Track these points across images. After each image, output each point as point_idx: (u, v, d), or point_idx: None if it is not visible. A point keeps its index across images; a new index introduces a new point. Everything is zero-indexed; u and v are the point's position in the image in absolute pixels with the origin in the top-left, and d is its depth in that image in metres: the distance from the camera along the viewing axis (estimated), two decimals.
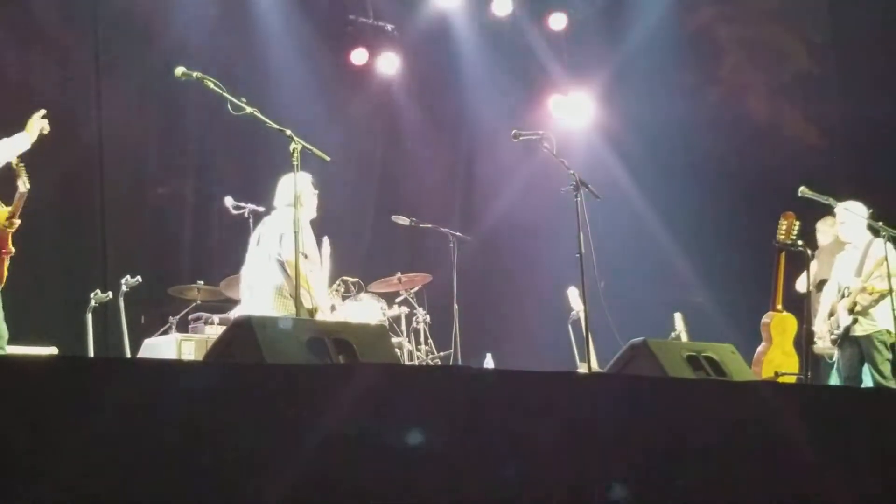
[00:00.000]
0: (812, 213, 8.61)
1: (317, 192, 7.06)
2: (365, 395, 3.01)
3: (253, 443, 2.82)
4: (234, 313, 7.75)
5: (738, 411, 3.77)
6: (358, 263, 10.24)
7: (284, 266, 6.91)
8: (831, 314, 8.15)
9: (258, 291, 7.06)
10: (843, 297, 8.07)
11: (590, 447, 3.32)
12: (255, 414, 2.85)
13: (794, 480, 3.60)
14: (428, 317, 9.28)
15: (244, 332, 4.17)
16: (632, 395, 3.61)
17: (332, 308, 8.34)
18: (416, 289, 9.37)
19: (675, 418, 3.58)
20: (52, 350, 7.36)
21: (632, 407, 3.52)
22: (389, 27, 11.72)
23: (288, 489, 2.78)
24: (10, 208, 6.51)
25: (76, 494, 2.56)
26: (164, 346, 8.00)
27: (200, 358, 7.46)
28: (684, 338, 9.11)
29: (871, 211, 8.04)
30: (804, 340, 7.08)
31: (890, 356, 7.87)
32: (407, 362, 8.64)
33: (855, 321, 7.98)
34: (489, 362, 9.60)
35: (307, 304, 6.71)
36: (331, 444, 2.88)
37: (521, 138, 7.27)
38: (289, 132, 6.18)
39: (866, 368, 8.02)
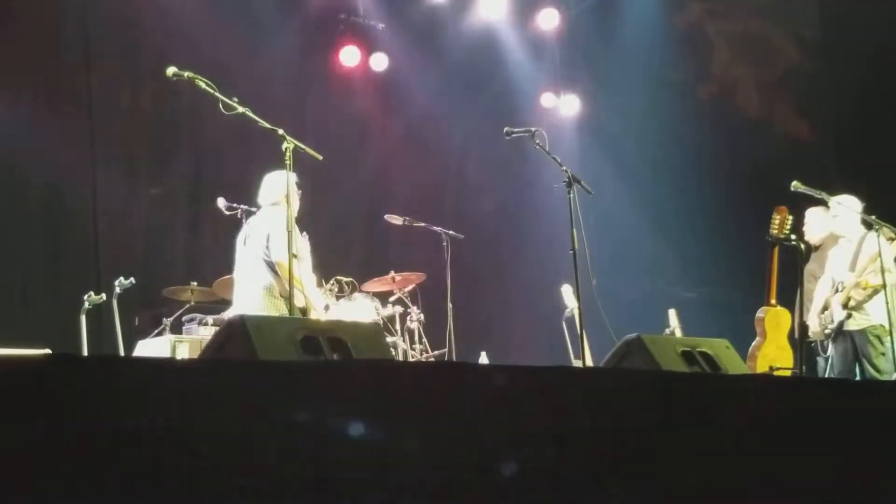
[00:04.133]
0: (805, 208, 8.63)
1: (300, 191, 7.04)
2: (361, 391, 3.01)
3: (246, 440, 2.82)
4: (228, 314, 7.73)
5: (733, 405, 3.77)
6: (351, 263, 10.24)
7: (273, 266, 6.91)
8: (825, 309, 8.16)
9: (248, 292, 7.05)
10: (836, 291, 8.08)
11: (584, 441, 3.32)
12: (248, 411, 2.84)
13: (790, 473, 3.61)
14: (422, 316, 9.27)
15: (238, 332, 4.16)
16: (627, 388, 3.61)
17: (326, 308, 8.33)
18: (409, 288, 9.36)
19: (670, 412, 3.58)
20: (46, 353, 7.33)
21: (627, 401, 3.52)
22: (380, 26, 11.73)
23: (281, 486, 2.78)
24: None
25: (67, 493, 2.56)
26: (158, 348, 7.98)
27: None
28: (679, 333, 9.10)
29: (863, 205, 8.05)
30: (798, 334, 7.08)
31: (884, 350, 7.88)
32: None
33: (849, 316, 7.99)
34: (484, 361, 9.60)
35: (299, 303, 6.67)
36: (325, 440, 2.88)
37: (512, 135, 7.25)
38: (281, 131, 6.16)
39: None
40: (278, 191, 6.95)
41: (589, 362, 7.34)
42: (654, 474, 3.43)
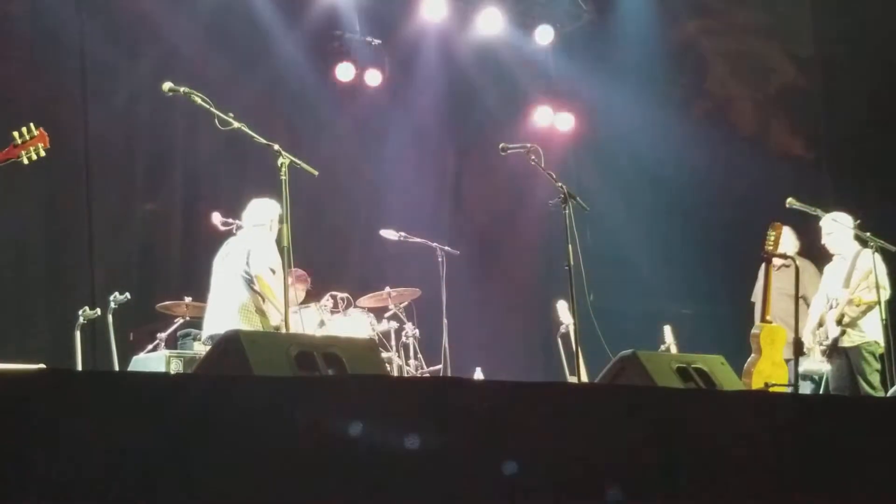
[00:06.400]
0: (799, 225, 8.64)
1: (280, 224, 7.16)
2: (355, 407, 3.00)
3: (242, 456, 2.81)
4: (205, 331, 7.74)
5: (728, 421, 3.77)
6: (346, 278, 10.23)
7: (251, 282, 7.17)
8: (820, 325, 8.17)
9: (222, 308, 7.18)
10: (830, 308, 8.09)
11: (580, 457, 3.32)
12: (244, 427, 2.84)
13: (785, 488, 3.60)
14: (417, 331, 9.25)
15: (233, 347, 4.15)
16: (622, 405, 3.61)
17: (321, 323, 8.33)
18: (405, 303, 9.35)
19: (666, 428, 3.57)
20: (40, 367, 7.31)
21: (622, 417, 3.51)
22: (376, 42, 11.74)
23: (277, 501, 2.77)
24: None
25: None
26: (153, 363, 7.96)
27: None
28: (674, 350, 9.10)
29: (858, 221, 8.07)
30: (793, 350, 7.07)
31: (878, 367, 7.89)
32: None
33: (843, 332, 8.00)
34: (479, 376, 9.58)
35: (275, 320, 6.89)
36: (321, 455, 2.87)
37: (508, 152, 7.26)
38: (276, 147, 6.18)
39: None
40: (263, 215, 7.44)
41: (584, 378, 7.33)
42: (648, 491, 3.42)
